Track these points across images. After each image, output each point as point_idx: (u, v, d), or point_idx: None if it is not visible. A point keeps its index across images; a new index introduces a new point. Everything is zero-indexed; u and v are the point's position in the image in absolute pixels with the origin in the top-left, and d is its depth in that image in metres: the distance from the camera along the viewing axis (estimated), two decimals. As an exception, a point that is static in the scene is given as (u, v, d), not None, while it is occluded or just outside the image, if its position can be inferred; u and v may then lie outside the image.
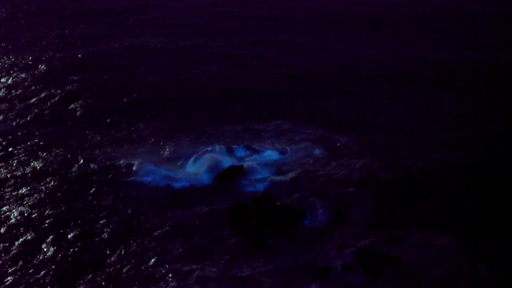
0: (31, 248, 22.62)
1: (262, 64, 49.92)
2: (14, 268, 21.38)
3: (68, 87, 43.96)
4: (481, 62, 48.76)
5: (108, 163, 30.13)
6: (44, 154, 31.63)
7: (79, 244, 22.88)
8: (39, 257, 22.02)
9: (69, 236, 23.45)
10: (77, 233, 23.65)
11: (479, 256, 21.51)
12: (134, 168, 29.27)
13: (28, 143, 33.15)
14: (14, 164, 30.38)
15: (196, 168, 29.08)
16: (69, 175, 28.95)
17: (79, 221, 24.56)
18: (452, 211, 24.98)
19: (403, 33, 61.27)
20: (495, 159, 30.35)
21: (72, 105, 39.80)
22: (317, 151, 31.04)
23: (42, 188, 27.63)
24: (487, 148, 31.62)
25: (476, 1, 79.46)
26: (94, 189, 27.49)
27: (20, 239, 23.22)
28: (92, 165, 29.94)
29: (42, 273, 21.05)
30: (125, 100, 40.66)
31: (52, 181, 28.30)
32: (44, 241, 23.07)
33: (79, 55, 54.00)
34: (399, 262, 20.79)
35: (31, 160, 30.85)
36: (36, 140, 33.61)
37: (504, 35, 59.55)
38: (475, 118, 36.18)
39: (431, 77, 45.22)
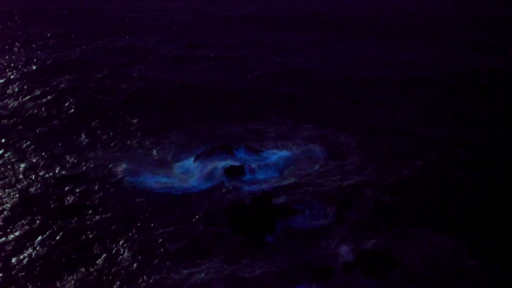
0: (29, 246, 22.48)
1: (262, 64, 49.84)
2: (10, 265, 21.26)
3: (64, 86, 43.85)
4: (481, 63, 48.76)
5: (106, 163, 30.01)
6: (40, 153, 31.50)
7: (78, 244, 22.77)
8: (35, 255, 21.87)
9: (67, 236, 23.33)
10: (75, 233, 23.54)
11: (479, 256, 21.45)
12: (132, 168, 29.12)
13: (23, 142, 33.02)
14: (9, 163, 30.25)
15: (195, 168, 28.99)
16: (67, 175, 28.81)
17: (78, 221, 24.45)
18: (452, 211, 24.93)
19: (402, 34, 61.28)
20: (495, 159, 30.34)
21: (67, 104, 39.69)
22: (317, 151, 30.98)
23: (40, 188, 27.49)
24: (487, 148, 31.61)
25: (476, 2, 79.56)
26: (92, 189, 27.37)
27: (16, 238, 23.08)
28: (90, 165, 29.81)
29: (37, 270, 20.93)
30: (122, 99, 40.57)
31: (51, 181, 28.16)
32: (42, 239, 22.95)
33: (76, 55, 53.89)
34: (399, 262, 20.72)
35: (27, 159, 30.72)
36: (31, 139, 33.48)
37: (503, 36, 59.59)
38: (475, 118, 36.17)
39: (430, 77, 45.20)
